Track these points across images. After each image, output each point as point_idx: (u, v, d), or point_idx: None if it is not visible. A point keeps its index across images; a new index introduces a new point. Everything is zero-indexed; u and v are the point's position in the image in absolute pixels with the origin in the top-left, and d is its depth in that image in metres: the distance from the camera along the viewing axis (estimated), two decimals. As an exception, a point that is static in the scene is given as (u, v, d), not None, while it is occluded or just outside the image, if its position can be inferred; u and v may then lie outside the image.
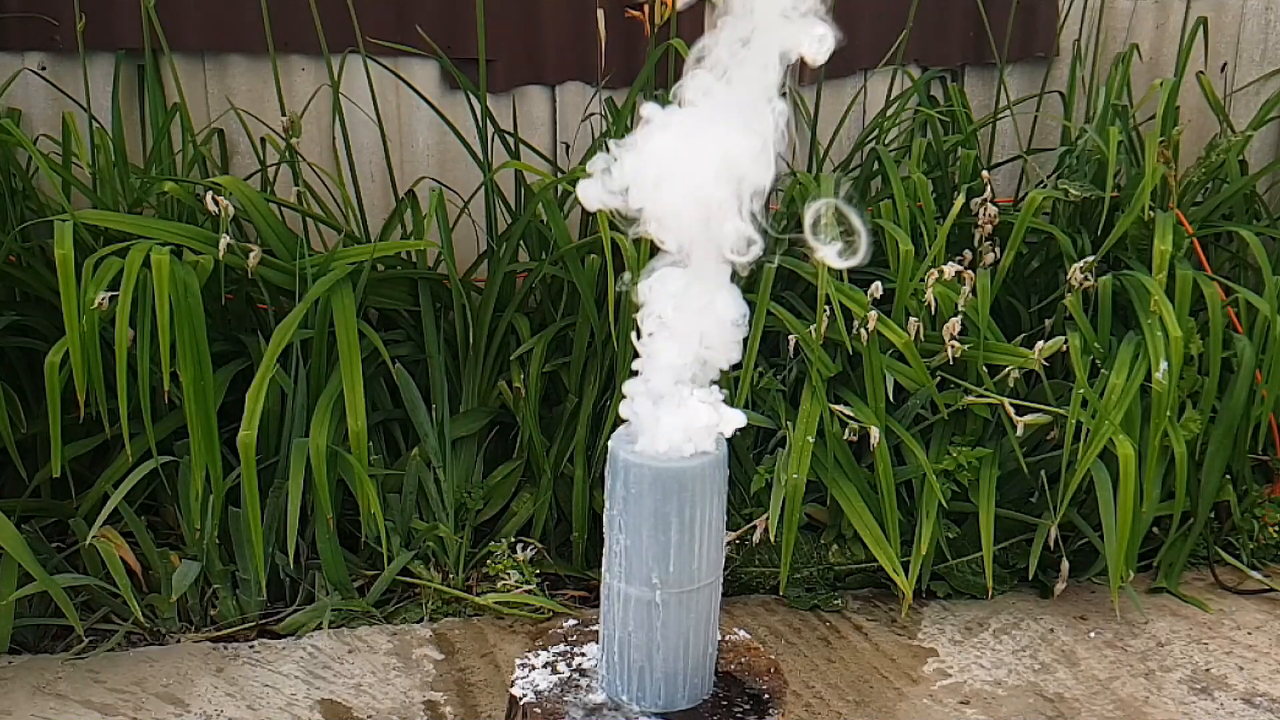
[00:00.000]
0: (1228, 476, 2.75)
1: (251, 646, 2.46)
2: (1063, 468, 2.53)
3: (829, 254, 1.57)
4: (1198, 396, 2.67)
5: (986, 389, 2.56)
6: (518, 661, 1.79)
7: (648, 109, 1.56)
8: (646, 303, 1.63)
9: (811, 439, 2.44)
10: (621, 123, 2.80)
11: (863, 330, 2.49)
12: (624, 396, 1.68)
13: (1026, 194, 2.84)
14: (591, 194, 1.59)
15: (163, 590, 2.45)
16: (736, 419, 1.67)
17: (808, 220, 1.57)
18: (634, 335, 1.66)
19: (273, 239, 2.56)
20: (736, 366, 2.46)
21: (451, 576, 2.60)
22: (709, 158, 1.51)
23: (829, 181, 2.58)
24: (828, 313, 2.48)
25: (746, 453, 2.66)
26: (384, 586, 2.58)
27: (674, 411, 1.63)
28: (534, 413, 2.65)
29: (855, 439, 2.52)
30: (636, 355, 1.66)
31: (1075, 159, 2.90)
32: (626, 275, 1.69)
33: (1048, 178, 2.99)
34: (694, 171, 1.52)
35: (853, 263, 1.56)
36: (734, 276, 1.62)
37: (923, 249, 2.64)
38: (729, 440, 1.68)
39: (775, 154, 1.53)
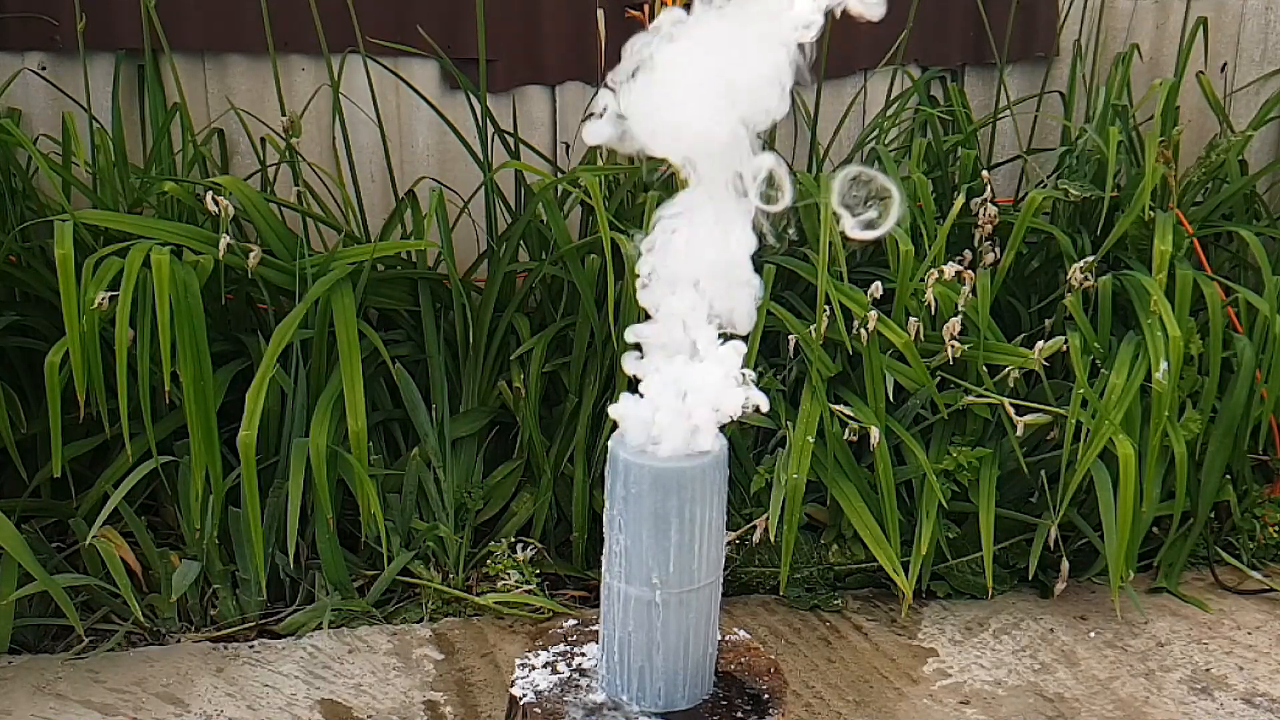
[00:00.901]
0: (1228, 476, 2.75)
1: (251, 646, 2.46)
2: (1063, 468, 2.53)
3: (858, 226, 1.49)
4: (1198, 396, 2.67)
5: (986, 389, 2.56)
6: (518, 661, 1.79)
7: (666, 15, 1.45)
8: (651, 245, 1.55)
9: (811, 439, 2.44)
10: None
11: (863, 330, 2.49)
12: (629, 347, 1.61)
13: (1026, 194, 2.84)
14: (598, 131, 1.50)
15: (163, 590, 2.45)
16: (760, 398, 1.61)
17: (836, 190, 1.51)
18: (638, 284, 1.57)
19: (273, 239, 2.56)
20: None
21: (451, 576, 2.60)
22: (721, 71, 1.41)
23: (828, 182, 2.58)
24: (828, 313, 2.48)
25: (746, 453, 2.66)
26: (384, 586, 2.58)
27: (690, 364, 1.55)
28: (534, 413, 2.66)
29: (855, 439, 2.52)
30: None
31: (1075, 159, 2.90)
32: (639, 236, 1.61)
33: (1048, 178, 2.99)
34: (703, 82, 1.42)
35: (886, 228, 1.49)
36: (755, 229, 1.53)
37: (923, 249, 2.64)
38: (729, 440, 1.67)
39: (790, 82, 1.44)
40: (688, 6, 1.48)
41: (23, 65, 2.78)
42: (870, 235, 1.50)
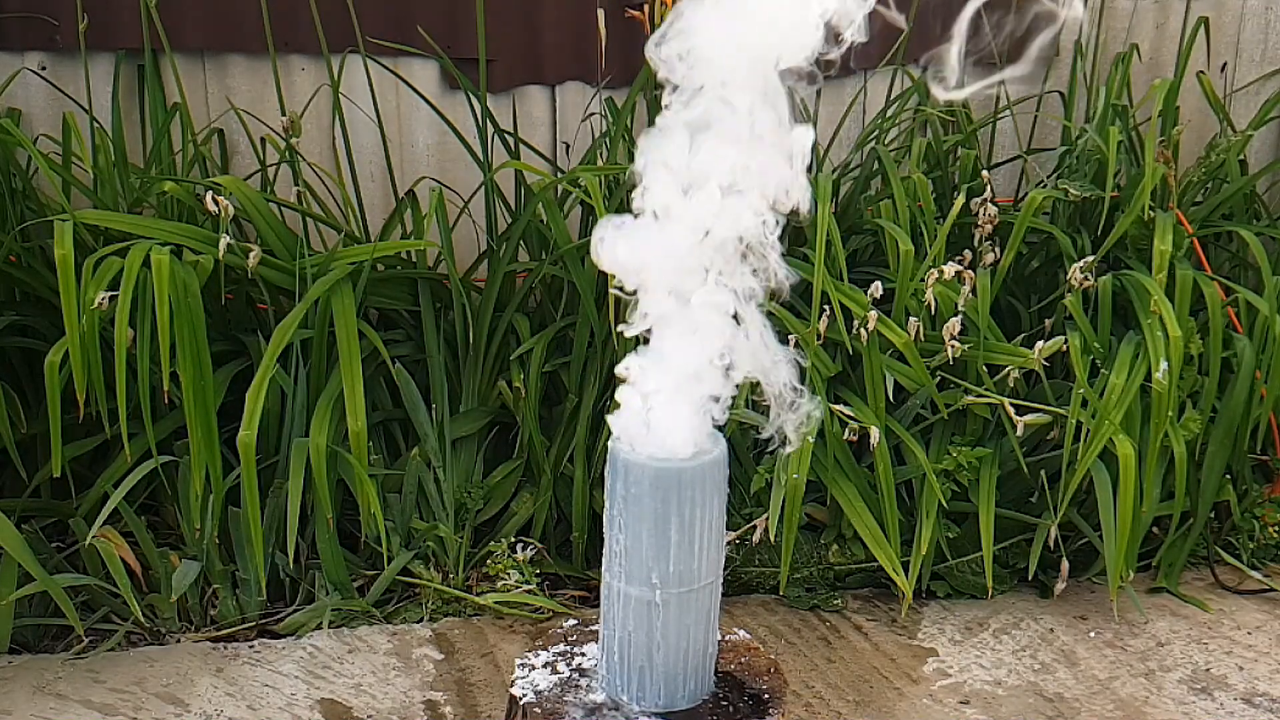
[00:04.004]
0: (1228, 476, 2.75)
1: (251, 646, 2.46)
2: (1063, 468, 2.53)
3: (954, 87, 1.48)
4: (1198, 396, 2.67)
5: (986, 389, 2.56)
6: (518, 661, 1.79)
7: None
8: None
9: (811, 439, 2.44)
10: (621, 122, 2.80)
11: (863, 330, 2.49)
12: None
13: (1026, 194, 2.84)
14: None
15: (163, 590, 2.45)
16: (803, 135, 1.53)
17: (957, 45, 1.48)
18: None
19: (273, 239, 2.56)
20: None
21: (451, 576, 2.60)
22: None
23: (827, 182, 2.58)
24: (827, 312, 2.48)
25: (746, 453, 2.66)
26: (384, 586, 2.58)
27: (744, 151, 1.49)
28: (534, 413, 2.66)
29: (855, 439, 2.52)
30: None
31: (1075, 159, 2.90)
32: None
33: (1048, 178, 2.99)
34: None
35: (975, 89, 1.47)
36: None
37: (923, 249, 2.64)
38: (729, 440, 1.67)
39: None
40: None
41: (23, 65, 2.78)
42: (958, 95, 1.49)
